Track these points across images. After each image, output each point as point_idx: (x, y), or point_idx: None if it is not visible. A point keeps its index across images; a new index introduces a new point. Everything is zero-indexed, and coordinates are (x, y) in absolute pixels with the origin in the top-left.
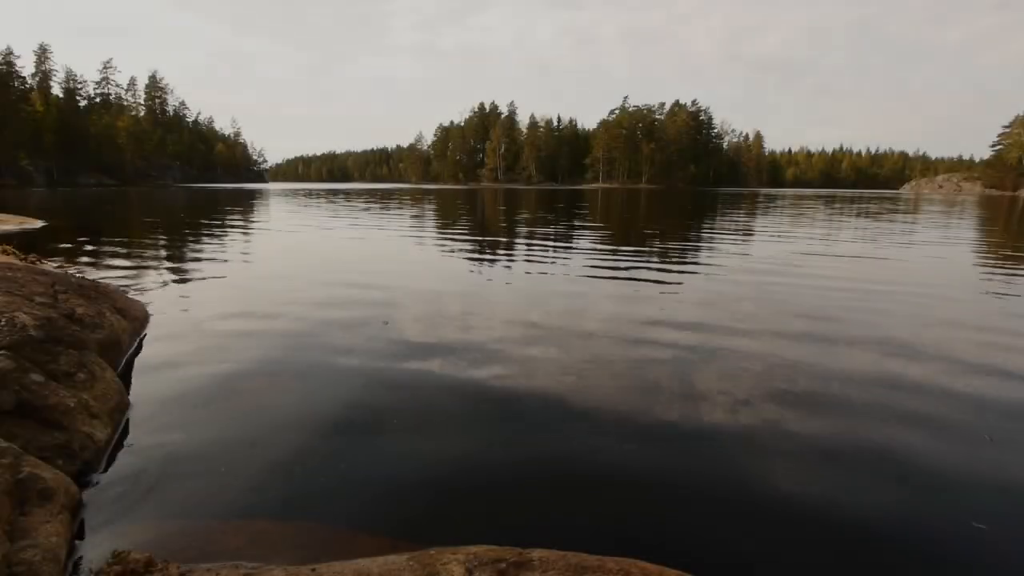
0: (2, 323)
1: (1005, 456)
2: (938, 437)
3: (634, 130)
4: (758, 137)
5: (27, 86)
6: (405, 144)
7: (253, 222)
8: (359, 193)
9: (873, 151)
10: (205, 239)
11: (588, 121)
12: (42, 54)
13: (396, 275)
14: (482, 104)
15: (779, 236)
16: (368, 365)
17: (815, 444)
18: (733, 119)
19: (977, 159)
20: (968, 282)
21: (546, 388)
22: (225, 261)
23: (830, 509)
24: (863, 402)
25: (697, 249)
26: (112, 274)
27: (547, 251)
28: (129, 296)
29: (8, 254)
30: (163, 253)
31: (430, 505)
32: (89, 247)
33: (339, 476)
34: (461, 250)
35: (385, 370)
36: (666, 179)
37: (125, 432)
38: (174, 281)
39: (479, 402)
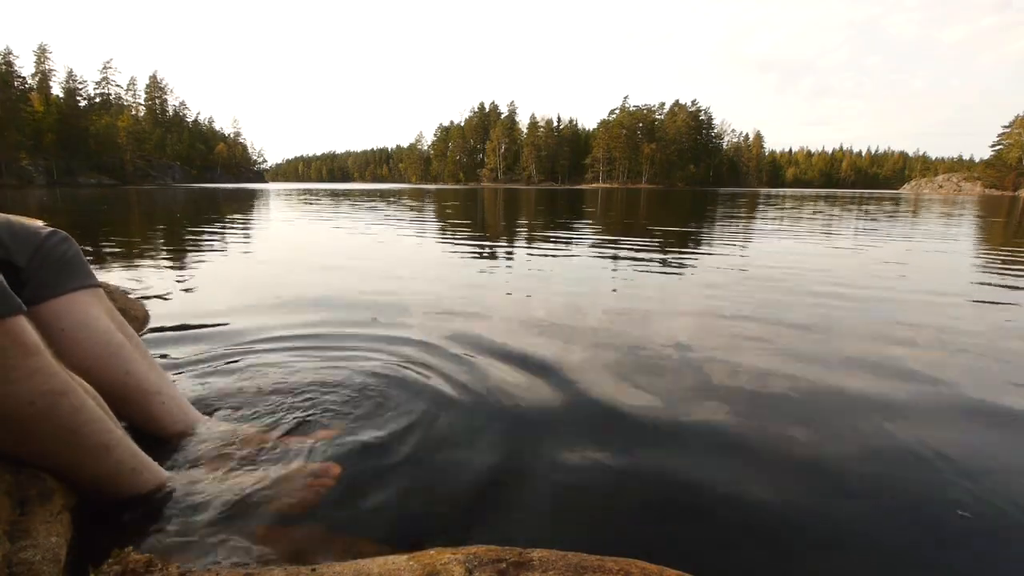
0: None
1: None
2: (923, 427)
3: (634, 130)
4: (758, 137)
5: (27, 86)
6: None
7: (252, 222)
8: (359, 193)
9: (873, 151)
10: (204, 239)
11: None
12: (42, 54)
13: (391, 273)
14: (482, 104)
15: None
16: (364, 362)
17: (812, 439)
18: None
19: (977, 159)
20: None
21: (546, 386)
22: (224, 261)
23: (806, 505)
24: (846, 391)
25: (699, 249)
26: (111, 274)
27: (548, 251)
28: (129, 296)
29: None
30: (162, 253)
31: (431, 504)
32: (89, 247)
33: (341, 474)
34: (459, 248)
35: (381, 368)
36: (666, 179)
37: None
38: (173, 280)
39: (475, 400)
